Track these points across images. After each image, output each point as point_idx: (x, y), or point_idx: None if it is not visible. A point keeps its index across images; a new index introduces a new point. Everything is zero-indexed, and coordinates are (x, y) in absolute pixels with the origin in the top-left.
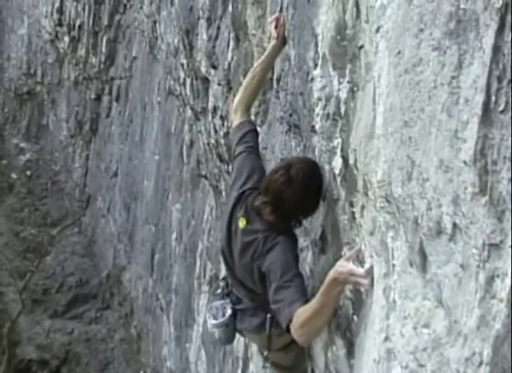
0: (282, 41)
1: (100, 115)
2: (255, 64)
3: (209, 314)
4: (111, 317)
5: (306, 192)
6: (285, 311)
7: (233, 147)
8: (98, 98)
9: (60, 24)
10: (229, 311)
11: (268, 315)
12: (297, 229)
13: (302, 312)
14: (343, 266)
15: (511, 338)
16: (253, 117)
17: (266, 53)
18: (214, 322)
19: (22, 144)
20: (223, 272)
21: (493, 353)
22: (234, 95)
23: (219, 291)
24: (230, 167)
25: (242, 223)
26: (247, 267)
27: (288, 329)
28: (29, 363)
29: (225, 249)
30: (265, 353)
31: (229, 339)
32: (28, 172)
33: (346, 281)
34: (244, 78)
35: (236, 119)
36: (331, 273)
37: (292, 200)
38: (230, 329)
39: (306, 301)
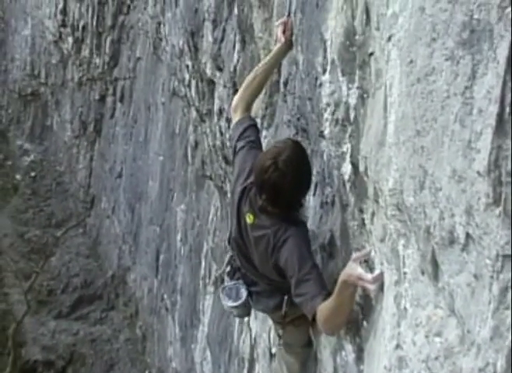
0: (289, 45)
1: (104, 116)
2: (258, 65)
3: (223, 294)
4: (116, 318)
5: (299, 177)
6: (308, 306)
7: (233, 143)
8: (102, 99)
9: (63, 25)
10: (244, 293)
11: (286, 297)
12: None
13: (323, 310)
14: (353, 268)
15: None
16: (259, 120)
17: (271, 55)
18: (231, 303)
19: (26, 146)
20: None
21: (507, 365)
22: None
23: (229, 272)
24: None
25: (249, 219)
26: (263, 258)
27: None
28: (35, 364)
29: (238, 240)
30: (280, 331)
31: (246, 315)
32: (32, 174)
33: (355, 284)
34: None
35: (236, 116)
36: (342, 275)
37: (288, 190)
38: (247, 307)
39: (327, 293)
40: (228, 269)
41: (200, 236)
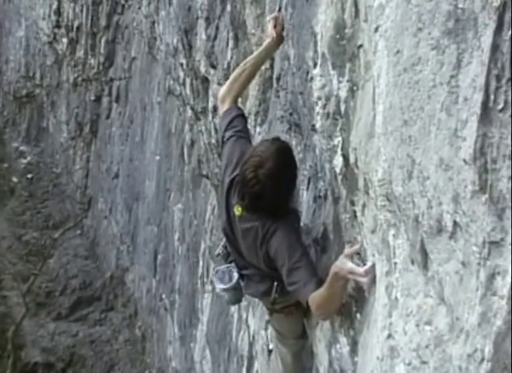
0: (280, 40)
1: (100, 116)
2: (247, 59)
3: (216, 278)
4: (115, 318)
5: (281, 186)
6: (302, 293)
7: (221, 133)
8: (98, 99)
9: (58, 26)
10: (235, 276)
11: (275, 283)
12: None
13: (315, 298)
14: (344, 263)
15: None
16: (253, 116)
17: (260, 49)
18: (222, 286)
19: (22, 148)
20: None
21: (495, 350)
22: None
23: (222, 255)
24: None
25: (238, 210)
26: (251, 249)
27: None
28: (35, 366)
29: (227, 230)
30: (267, 317)
31: (238, 300)
32: (29, 175)
33: (346, 278)
34: None
35: (223, 107)
36: (333, 268)
37: (270, 198)
38: (238, 291)
39: (319, 279)
40: (222, 251)
41: (197, 235)
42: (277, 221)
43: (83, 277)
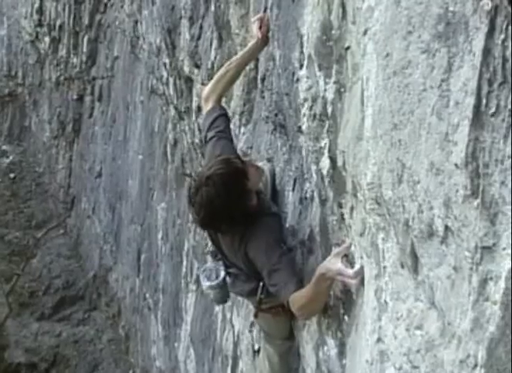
0: (265, 41)
1: (83, 115)
2: (232, 59)
3: (203, 275)
4: (99, 318)
5: (226, 198)
6: (282, 293)
7: (204, 133)
8: (80, 98)
9: (40, 25)
10: (222, 274)
11: (261, 283)
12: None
13: (297, 298)
14: (333, 263)
15: (506, 340)
16: (237, 117)
17: (245, 50)
18: (208, 283)
19: (4, 147)
20: None
21: (488, 356)
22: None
23: (211, 252)
24: None
25: None
26: (231, 250)
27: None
28: (18, 366)
29: (210, 231)
30: (252, 318)
31: (224, 299)
32: (11, 175)
33: (334, 279)
34: None
35: (206, 106)
36: (320, 268)
37: (223, 210)
38: (224, 290)
39: (299, 279)
40: (212, 248)
41: (181, 234)
42: (251, 226)
43: (66, 277)
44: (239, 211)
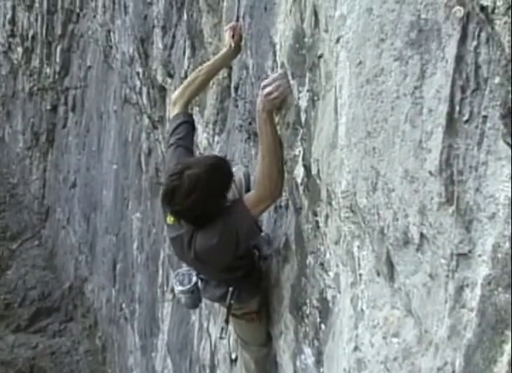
0: (237, 50)
1: (57, 126)
2: (202, 65)
3: (176, 280)
4: (75, 329)
5: (206, 190)
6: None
7: (167, 137)
8: (54, 108)
9: (12, 35)
10: (194, 279)
11: (230, 289)
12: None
13: (256, 185)
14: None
15: (483, 347)
16: (211, 126)
17: (216, 57)
18: (180, 288)
19: None
20: None
21: (465, 363)
22: None
23: None
24: None
25: (170, 219)
26: (182, 257)
27: None
28: None
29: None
30: (223, 325)
31: (195, 305)
32: None
33: (266, 106)
34: None
35: (174, 111)
36: (256, 113)
37: (193, 199)
38: (196, 295)
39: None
40: None
41: (156, 244)
42: (201, 228)
43: (42, 288)
44: (215, 203)
